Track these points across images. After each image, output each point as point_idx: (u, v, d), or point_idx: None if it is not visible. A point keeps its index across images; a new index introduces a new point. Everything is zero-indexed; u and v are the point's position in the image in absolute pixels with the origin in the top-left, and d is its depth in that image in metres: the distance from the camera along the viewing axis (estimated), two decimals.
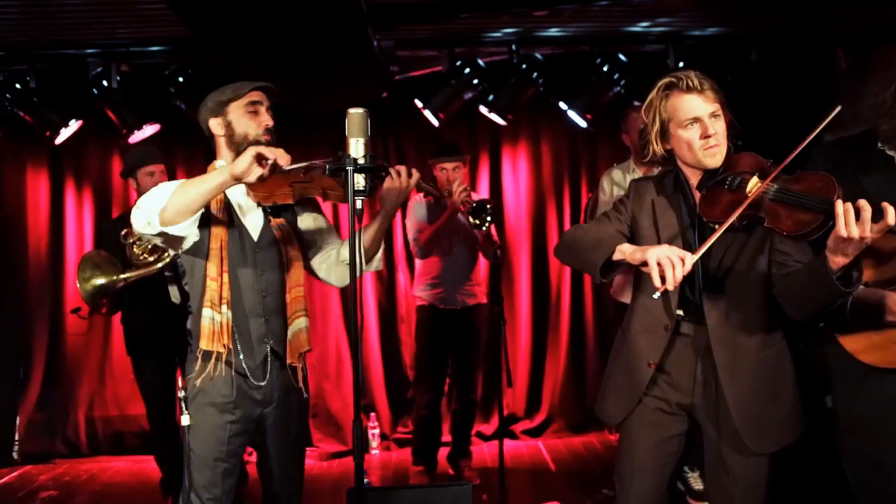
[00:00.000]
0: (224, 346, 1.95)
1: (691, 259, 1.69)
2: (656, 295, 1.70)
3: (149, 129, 4.10)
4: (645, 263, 1.72)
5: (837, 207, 1.60)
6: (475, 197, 3.64)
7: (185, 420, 1.94)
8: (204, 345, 1.94)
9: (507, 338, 3.48)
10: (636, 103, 3.54)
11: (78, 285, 3.25)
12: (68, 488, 3.92)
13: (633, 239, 1.95)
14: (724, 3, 3.62)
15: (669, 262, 1.67)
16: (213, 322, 1.95)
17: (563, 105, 4.05)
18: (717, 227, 1.77)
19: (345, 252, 2.14)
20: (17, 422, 4.42)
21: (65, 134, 4.06)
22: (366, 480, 3.43)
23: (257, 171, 1.77)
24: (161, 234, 1.88)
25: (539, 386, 4.60)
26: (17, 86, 3.88)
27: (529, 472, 3.99)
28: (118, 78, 3.89)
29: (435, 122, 4.06)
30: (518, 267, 4.62)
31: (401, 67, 4.17)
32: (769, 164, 1.82)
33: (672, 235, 1.89)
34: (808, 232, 1.68)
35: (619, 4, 3.54)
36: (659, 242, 1.88)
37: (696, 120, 1.84)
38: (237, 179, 1.79)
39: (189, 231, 1.89)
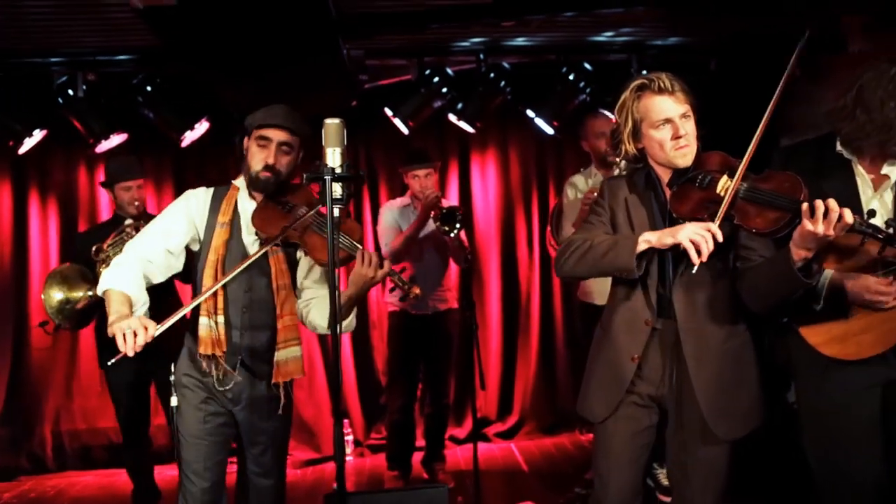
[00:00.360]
0: (223, 351, 2.14)
1: (716, 227, 1.79)
2: (694, 269, 1.80)
3: (116, 139, 4.06)
4: (677, 245, 1.82)
5: (806, 206, 1.71)
6: (444, 204, 3.69)
7: (173, 401, 2.10)
8: (203, 349, 2.13)
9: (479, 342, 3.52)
10: (602, 111, 3.65)
11: (43, 299, 3.21)
12: None
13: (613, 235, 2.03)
14: (685, 14, 3.75)
15: (702, 238, 1.78)
16: (210, 329, 2.11)
17: (530, 113, 4.14)
18: (685, 222, 1.86)
19: (313, 316, 2.22)
20: None
21: (28, 144, 4.00)
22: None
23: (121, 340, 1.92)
24: None
25: (510, 389, 4.67)
26: None
27: (503, 473, 4.05)
28: (84, 87, 3.85)
29: (405, 130, 4.11)
30: (488, 272, 4.69)
31: (370, 76, 4.21)
32: (737, 162, 1.91)
33: (644, 231, 1.95)
34: (776, 229, 1.79)
35: (585, 15, 3.64)
36: None
37: (668, 121, 1.93)
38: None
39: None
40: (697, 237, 1.78)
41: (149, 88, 3.90)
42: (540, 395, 4.64)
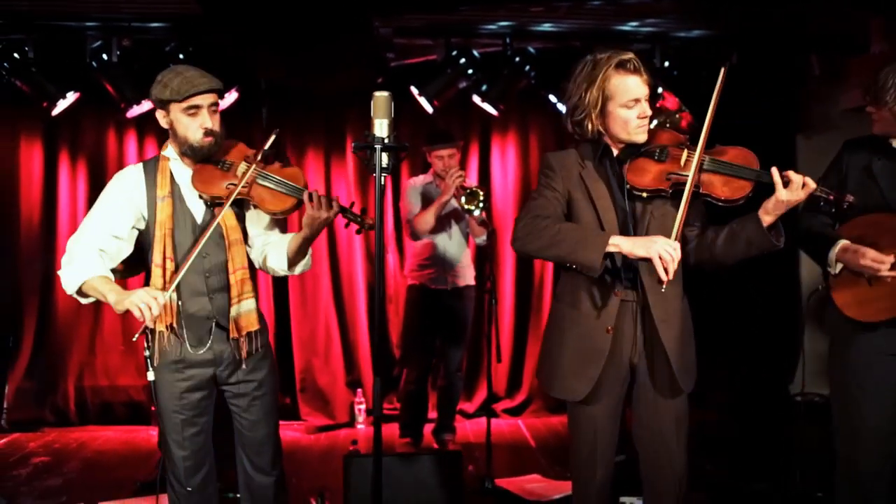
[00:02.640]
0: (167, 326, 2.10)
1: (678, 246, 1.90)
2: (664, 288, 1.90)
3: (147, 105, 4.15)
4: (646, 258, 1.90)
5: (776, 175, 1.89)
6: (468, 184, 3.79)
7: (150, 376, 2.07)
8: (149, 324, 2.03)
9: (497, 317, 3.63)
10: None
11: None
12: (59, 455, 3.99)
13: (569, 212, 2.06)
14: (709, 7, 3.81)
15: (670, 257, 1.87)
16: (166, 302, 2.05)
17: (553, 98, 4.21)
18: (645, 195, 1.99)
19: (272, 261, 2.24)
20: (6, 389, 4.45)
21: (61, 105, 4.07)
22: (356, 449, 3.60)
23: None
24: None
25: (520, 367, 4.79)
26: (16, 55, 3.88)
27: (510, 447, 4.18)
28: (118, 52, 3.92)
29: (429, 109, 4.19)
30: (503, 252, 4.78)
31: (396, 54, 4.28)
32: (685, 138, 2.04)
33: (606, 205, 2.03)
34: (741, 198, 1.95)
35: (612, 4, 3.70)
36: (596, 213, 2.02)
37: (637, 101, 1.99)
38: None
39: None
40: (667, 255, 1.87)
41: (181, 56, 3.98)
42: None
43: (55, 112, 4.07)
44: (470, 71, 4.09)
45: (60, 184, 4.57)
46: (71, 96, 4.06)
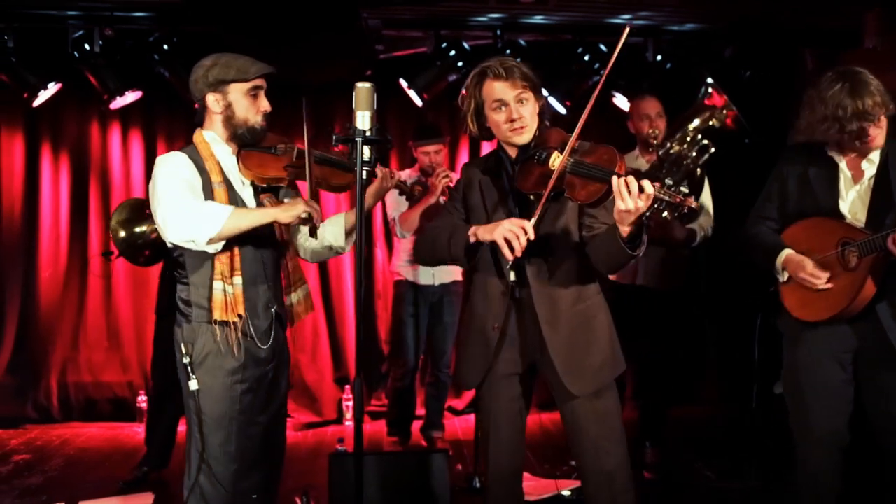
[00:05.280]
0: (238, 315, 2.01)
1: (530, 226, 1.92)
2: (509, 265, 1.99)
3: (130, 96, 4.08)
4: (494, 242, 1.95)
5: (613, 183, 1.83)
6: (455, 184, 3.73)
7: (193, 385, 1.97)
8: (218, 315, 1.99)
9: None
10: (649, 94, 3.59)
11: (111, 228, 3.15)
12: (41, 453, 3.92)
13: (468, 218, 2.15)
14: (702, 0, 3.77)
15: (514, 235, 1.91)
16: (224, 294, 2.00)
17: (543, 91, 4.15)
18: (532, 197, 2.01)
19: (327, 234, 2.24)
20: None
21: (43, 96, 4.02)
22: (342, 448, 3.55)
23: (296, 220, 1.98)
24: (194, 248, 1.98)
25: None
26: None
27: None
28: (101, 42, 3.85)
29: (419, 103, 4.13)
30: None
31: (385, 47, 4.22)
32: (569, 137, 2.02)
33: (496, 208, 2.10)
34: (597, 200, 1.92)
35: None
36: (487, 215, 2.10)
37: (503, 103, 2.04)
38: (278, 222, 2.01)
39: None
40: (510, 234, 1.91)
41: (165, 47, 3.91)
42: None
43: (36, 103, 4.01)
44: (460, 64, 4.05)
45: (42, 177, 4.50)
46: (52, 87, 4.00)
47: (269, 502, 2.20)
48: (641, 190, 1.79)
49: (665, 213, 1.82)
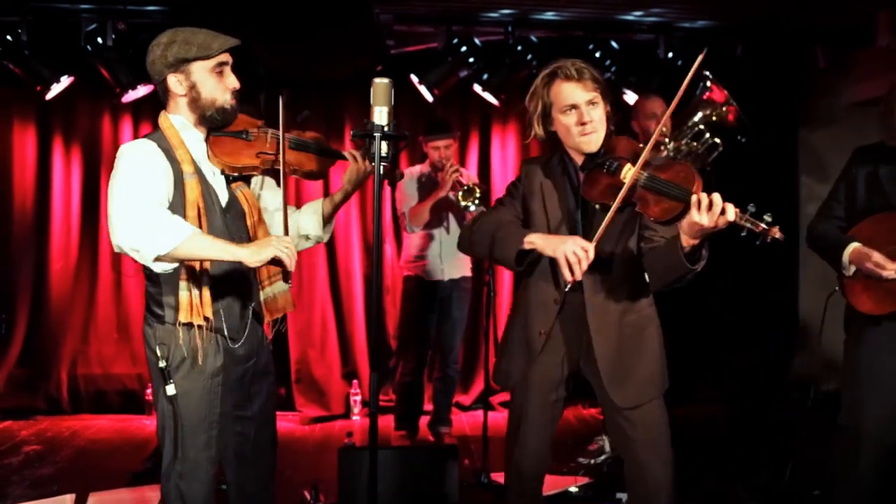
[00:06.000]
0: (204, 317, 1.87)
1: (591, 248, 1.88)
2: (568, 287, 1.93)
3: (142, 90, 4.09)
4: (554, 257, 1.90)
5: (693, 198, 1.78)
6: (465, 179, 3.74)
7: (170, 390, 1.85)
8: (183, 317, 1.85)
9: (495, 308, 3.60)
10: (654, 93, 3.59)
11: None
12: (51, 444, 3.94)
13: (526, 220, 2.10)
14: None
15: (576, 258, 1.87)
16: (191, 295, 1.85)
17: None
18: (598, 207, 1.98)
19: (304, 223, 2.14)
20: None
21: (55, 90, 4.03)
22: (351, 442, 3.57)
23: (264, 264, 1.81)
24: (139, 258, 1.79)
25: None
26: (8, 38, 3.82)
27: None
28: (113, 36, 3.86)
29: (430, 98, 4.14)
30: None
31: (396, 42, 4.22)
32: (640, 147, 1.98)
33: (559, 217, 2.06)
34: (672, 218, 1.86)
35: None
36: (548, 223, 2.06)
37: (574, 107, 1.99)
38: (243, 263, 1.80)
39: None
40: (573, 258, 1.87)
41: None
42: None
43: (49, 96, 4.02)
44: (471, 59, 4.04)
45: (54, 169, 4.51)
46: (65, 80, 4.01)
47: (267, 496, 2.14)
48: (723, 212, 1.73)
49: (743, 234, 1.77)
